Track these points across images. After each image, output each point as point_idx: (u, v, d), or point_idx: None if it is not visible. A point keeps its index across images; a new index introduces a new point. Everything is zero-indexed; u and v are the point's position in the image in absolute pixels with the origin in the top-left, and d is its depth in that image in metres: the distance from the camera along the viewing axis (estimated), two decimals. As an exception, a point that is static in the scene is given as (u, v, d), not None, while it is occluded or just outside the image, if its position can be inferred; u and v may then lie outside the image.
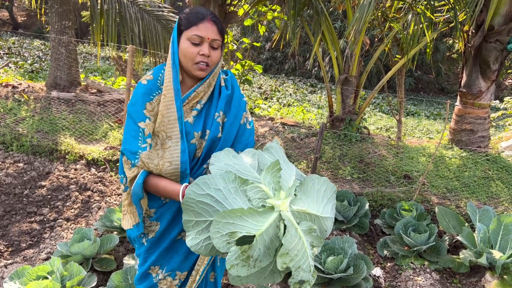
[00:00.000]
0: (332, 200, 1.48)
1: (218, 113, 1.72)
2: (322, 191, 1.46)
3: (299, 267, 1.32)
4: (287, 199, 1.39)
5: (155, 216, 1.77)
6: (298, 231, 1.34)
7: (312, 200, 1.43)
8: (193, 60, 1.61)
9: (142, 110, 1.62)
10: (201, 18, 1.60)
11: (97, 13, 6.94)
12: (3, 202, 4.00)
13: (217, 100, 1.75)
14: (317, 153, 4.56)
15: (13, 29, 18.85)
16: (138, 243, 1.85)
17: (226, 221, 1.32)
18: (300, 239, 1.34)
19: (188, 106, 1.69)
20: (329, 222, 1.46)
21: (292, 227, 1.34)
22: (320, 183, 1.47)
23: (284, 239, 1.31)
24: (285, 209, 1.36)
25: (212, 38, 1.61)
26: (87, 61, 13.01)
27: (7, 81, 6.91)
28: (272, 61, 16.00)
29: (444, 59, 15.59)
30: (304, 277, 1.32)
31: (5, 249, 3.29)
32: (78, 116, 5.99)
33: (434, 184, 4.97)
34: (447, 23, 5.94)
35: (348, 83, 6.04)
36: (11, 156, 5.00)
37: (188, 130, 1.67)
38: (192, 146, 1.69)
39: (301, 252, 1.33)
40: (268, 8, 6.98)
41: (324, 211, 1.44)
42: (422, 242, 3.57)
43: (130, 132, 1.65)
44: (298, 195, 1.44)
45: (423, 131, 8.88)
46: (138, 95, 1.65)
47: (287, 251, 1.31)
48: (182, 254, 1.81)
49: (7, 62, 9.19)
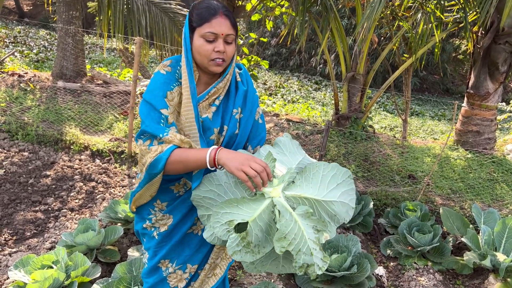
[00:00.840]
0: (344, 185, 1.48)
1: (236, 110, 1.72)
2: (330, 176, 1.47)
3: (299, 251, 1.37)
4: (279, 186, 1.45)
5: (167, 209, 1.76)
6: (293, 215, 1.39)
7: (314, 186, 1.46)
8: (209, 57, 1.59)
9: (163, 98, 1.59)
10: (213, 14, 1.56)
11: (105, 4, 6.91)
12: (8, 190, 4.01)
13: (234, 95, 1.74)
14: (322, 151, 4.55)
15: (19, 17, 18.83)
16: (148, 236, 1.82)
17: (224, 211, 1.43)
18: (296, 223, 1.38)
19: (207, 102, 1.68)
20: (338, 206, 1.46)
21: (286, 212, 1.40)
22: (328, 169, 1.48)
23: (279, 223, 1.38)
24: (277, 195, 1.42)
25: (226, 33, 1.58)
26: (92, 52, 13.00)
27: (13, 70, 6.91)
28: (277, 57, 15.96)
29: (450, 60, 15.52)
30: (307, 260, 1.37)
31: (10, 238, 3.30)
32: (83, 106, 5.99)
33: (438, 185, 4.95)
34: (457, 23, 5.90)
35: (355, 81, 6.01)
36: (16, 144, 5.01)
37: (209, 126, 1.66)
38: (211, 142, 1.68)
39: (299, 235, 1.38)
40: (276, 3, 6.94)
41: (329, 195, 1.45)
42: (426, 242, 3.56)
43: (151, 118, 1.58)
44: (297, 181, 1.48)
45: (428, 132, 8.85)
46: (157, 83, 1.62)
47: (284, 235, 1.37)
48: (194, 247, 1.81)
49: (13, 51, 9.19)
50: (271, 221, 1.44)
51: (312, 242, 1.37)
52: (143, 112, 1.61)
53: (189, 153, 1.53)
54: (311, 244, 1.37)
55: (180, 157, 1.53)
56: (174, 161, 1.53)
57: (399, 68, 5.91)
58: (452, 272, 3.60)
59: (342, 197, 1.46)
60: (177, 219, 1.76)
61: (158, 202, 1.75)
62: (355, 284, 3.07)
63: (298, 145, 1.67)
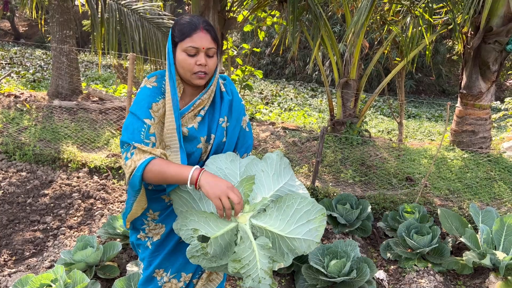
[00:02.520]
0: (315, 222, 1.53)
1: (222, 118, 1.77)
2: (303, 212, 1.53)
3: (249, 276, 1.48)
4: (248, 214, 1.54)
5: (159, 218, 1.80)
6: (252, 244, 1.49)
7: (284, 219, 1.52)
8: (191, 71, 1.65)
9: (148, 109, 1.65)
10: (194, 29, 1.62)
11: (98, 22, 6.99)
12: (6, 211, 4.02)
13: (219, 105, 1.79)
14: (318, 157, 4.57)
15: (14, 39, 18.99)
16: (142, 247, 1.87)
17: (192, 219, 1.53)
18: (253, 252, 1.49)
19: (193, 113, 1.73)
20: (300, 243, 1.52)
21: (248, 239, 1.50)
22: (303, 203, 1.54)
23: (237, 247, 1.50)
24: (243, 222, 1.52)
25: (207, 47, 1.63)
26: (88, 69, 13.08)
27: (9, 91, 6.96)
28: (273, 66, 16.05)
29: (444, 61, 15.61)
30: (253, 285, 1.48)
31: (9, 258, 3.30)
32: (80, 124, 6.02)
33: (436, 186, 4.96)
34: (446, 25, 5.96)
35: (348, 86, 6.05)
36: (14, 165, 5.03)
37: (194, 135, 1.71)
38: (198, 151, 1.74)
39: (252, 263, 1.48)
40: (267, 13, 7.02)
41: (294, 231, 1.51)
42: (425, 244, 3.56)
43: (131, 126, 1.64)
44: (269, 211, 1.55)
45: (425, 133, 8.87)
46: (143, 95, 1.68)
47: (240, 258, 1.48)
48: None
49: (9, 72, 9.25)
50: (231, 242, 1.54)
51: (263, 271, 1.47)
52: (125, 123, 1.68)
53: (170, 167, 1.56)
54: (261, 273, 1.47)
55: (160, 167, 1.56)
56: (154, 171, 1.56)
57: (391, 72, 5.96)
58: (453, 272, 3.59)
59: (308, 234, 1.52)
60: (169, 228, 1.80)
61: (150, 212, 1.80)
62: (356, 289, 3.07)
63: (287, 165, 1.69)
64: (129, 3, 7.16)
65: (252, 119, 7.11)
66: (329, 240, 3.95)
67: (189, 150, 1.71)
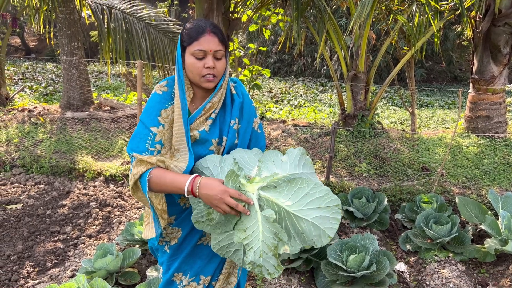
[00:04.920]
0: (327, 211, 1.47)
1: (234, 121, 1.78)
2: (315, 197, 1.48)
3: (251, 248, 1.44)
4: (257, 184, 1.52)
5: (175, 222, 1.82)
6: (257, 214, 1.46)
7: (293, 198, 1.48)
8: (200, 74, 1.66)
9: (156, 117, 1.67)
10: (201, 32, 1.64)
11: (104, 31, 7.08)
12: (27, 223, 4.10)
13: (230, 107, 1.80)
14: (331, 152, 4.55)
15: (25, 54, 19.31)
16: (160, 251, 1.90)
17: None
18: (257, 222, 1.45)
19: (204, 117, 1.74)
20: (308, 226, 1.46)
21: (253, 208, 1.47)
22: (316, 189, 1.49)
23: (243, 216, 1.48)
24: (252, 191, 1.50)
25: (214, 49, 1.65)
26: (99, 79, 13.23)
27: (23, 106, 7.09)
28: (280, 64, 16.00)
29: (454, 47, 15.35)
30: (254, 259, 1.44)
31: (32, 270, 3.36)
32: (93, 134, 6.10)
33: (453, 174, 4.89)
34: (453, 10, 5.87)
35: (357, 79, 6.01)
36: (32, 178, 5.12)
37: (206, 138, 1.72)
38: (211, 153, 1.75)
39: (255, 234, 1.45)
40: (272, 11, 7.00)
41: (302, 212, 1.46)
42: (445, 233, 3.52)
43: (138, 135, 1.68)
44: (279, 188, 1.52)
45: (439, 122, 8.75)
46: (153, 102, 1.71)
47: (245, 228, 1.47)
48: (205, 258, 1.86)
49: (22, 87, 9.42)
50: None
51: (265, 245, 1.43)
52: (134, 132, 1.71)
53: (166, 178, 1.61)
54: (264, 247, 1.43)
55: (158, 179, 1.61)
56: (152, 182, 1.61)
57: (400, 62, 5.89)
58: (475, 261, 3.54)
59: (317, 220, 1.45)
60: (186, 232, 1.82)
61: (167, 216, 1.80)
62: (376, 283, 3.04)
63: (309, 162, 1.67)
64: (134, 11, 7.23)
65: (262, 118, 7.11)
66: (347, 235, 3.93)
67: (201, 152, 1.72)
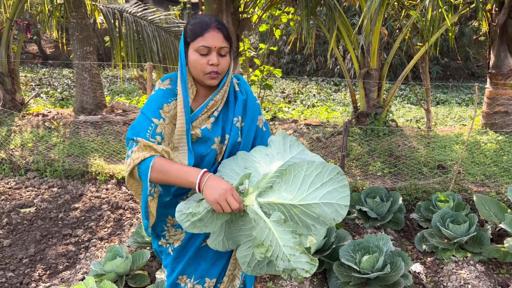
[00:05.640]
0: (332, 183, 1.41)
1: (236, 118, 1.73)
2: (313, 176, 1.42)
3: (277, 257, 1.39)
4: (253, 194, 1.45)
5: (178, 224, 1.77)
6: (267, 223, 1.40)
7: (293, 189, 1.42)
8: (204, 71, 1.62)
9: (158, 109, 1.63)
10: (206, 28, 1.60)
11: (116, 35, 7.13)
12: (39, 227, 4.12)
13: (233, 105, 1.75)
14: (344, 151, 4.46)
15: (43, 60, 19.66)
16: (164, 253, 1.86)
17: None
18: (270, 230, 1.39)
19: (207, 115, 1.70)
20: (321, 208, 1.40)
21: (261, 219, 1.41)
22: (311, 168, 1.43)
23: (255, 231, 1.42)
24: (250, 203, 1.44)
25: (219, 46, 1.61)
26: (113, 83, 13.37)
27: (37, 111, 7.18)
28: (293, 64, 15.91)
29: (471, 43, 15.03)
30: (284, 265, 1.39)
31: (44, 272, 3.37)
32: (105, 137, 6.14)
33: (470, 172, 4.75)
34: (468, 4, 5.72)
35: (369, 76, 5.90)
36: (45, 181, 5.17)
37: (208, 136, 1.67)
38: (213, 152, 1.70)
39: (274, 242, 1.38)
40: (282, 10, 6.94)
41: (308, 197, 1.40)
42: (462, 233, 3.40)
43: (139, 124, 1.63)
44: (275, 186, 1.46)
45: (455, 119, 8.55)
46: (156, 96, 1.67)
47: (261, 242, 1.40)
48: (210, 260, 1.81)
49: (36, 93, 9.57)
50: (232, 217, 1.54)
51: (288, 248, 1.37)
52: (134, 122, 1.66)
53: (172, 168, 1.53)
54: (287, 250, 1.37)
55: (162, 167, 1.53)
56: (155, 169, 1.53)
57: (414, 58, 5.76)
58: (495, 261, 3.42)
59: (326, 197, 1.40)
60: (189, 233, 1.76)
61: (169, 218, 1.78)
62: (391, 284, 2.96)
63: (294, 141, 1.63)
64: (145, 14, 7.27)
65: (274, 118, 7.05)
66: (361, 235, 3.84)
67: (203, 151, 1.68)
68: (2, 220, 4.19)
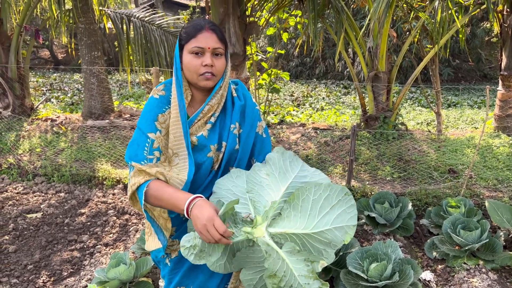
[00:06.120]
0: (340, 205, 1.37)
1: (234, 125, 1.68)
2: (322, 200, 1.37)
3: (291, 286, 1.35)
4: (262, 225, 1.40)
5: (176, 234, 1.74)
6: (279, 254, 1.36)
7: (303, 216, 1.38)
8: (198, 72, 1.58)
9: (153, 122, 1.60)
10: (199, 29, 1.57)
11: (124, 40, 7.15)
12: (45, 232, 4.12)
13: (231, 111, 1.70)
14: (352, 155, 4.39)
15: (55, 65, 19.88)
16: (162, 264, 1.83)
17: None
18: (284, 261, 1.36)
19: (203, 121, 1.65)
20: (332, 233, 1.36)
21: (273, 250, 1.37)
22: (319, 191, 1.38)
23: (267, 262, 1.37)
24: (261, 235, 1.39)
25: (212, 47, 1.57)
26: (123, 88, 13.44)
27: (46, 116, 7.23)
28: (302, 67, 15.85)
29: (483, 45, 14.82)
30: None
31: (48, 279, 3.35)
32: (112, 142, 6.14)
33: (482, 176, 4.63)
34: (479, 5, 5.61)
35: (378, 79, 5.82)
36: (53, 186, 5.18)
37: (204, 144, 1.63)
38: (209, 160, 1.65)
39: (288, 273, 1.34)
40: (289, 13, 6.89)
41: (320, 224, 1.36)
42: (474, 240, 3.30)
43: (136, 142, 1.61)
44: (284, 213, 1.41)
45: (467, 122, 8.40)
46: (150, 107, 1.63)
47: (274, 272, 1.36)
48: (208, 272, 1.76)
49: (46, 98, 9.65)
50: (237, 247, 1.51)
51: (303, 277, 1.34)
52: (132, 139, 1.63)
53: (164, 194, 1.53)
54: (302, 280, 1.34)
55: (156, 193, 1.54)
56: (149, 195, 1.54)
57: (423, 60, 5.67)
58: (508, 269, 3.31)
59: (338, 221, 1.37)
60: None
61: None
62: (399, 293, 2.87)
63: (292, 157, 1.58)
64: (153, 19, 7.28)
65: (282, 122, 6.99)
66: (369, 241, 3.76)
67: (199, 160, 1.63)
68: (8, 226, 4.19)
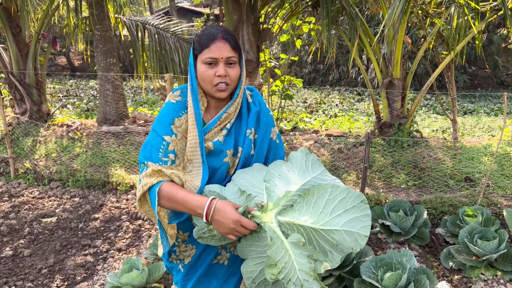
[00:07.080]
0: (355, 211, 1.34)
1: (250, 130, 1.69)
2: (337, 201, 1.35)
3: (289, 280, 1.32)
4: (272, 211, 1.39)
5: (189, 239, 1.73)
6: (284, 243, 1.34)
7: (315, 212, 1.35)
8: (212, 83, 1.59)
9: (169, 125, 1.60)
10: (212, 39, 1.57)
11: (139, 47, 7.24)
12: (60, 237, 4.16)
13: (246, 117, 1.71)
14: (366, 163, 4.34)
15: (71, 72, 20.23)
16: (175, 270, 1.82)
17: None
18: (287, 252, 1.33)
19: (219, 127, 1.66)
20: (341, 235, 1.34)
21: (278, 239, 1.35)
22: (336, 192, 1.36)
23: (269, 250, 1.35)
24: (269, 221, 1.38)
25: (226, 56, 1.57)
26: (137, 94, 13.59)
27: (62, 121, 7.34)
28: (316, 74, 15.83)
29: (500, 51, 14.60)
30: None
31: (61, 283, 3.38)
32: (127, 147, 6.19)
33: (500, 185, 4.54)
34: (496, 11, 5.52)
35: (392, 86, 5.76)
36: (67, 191, 5.24)
37: (220, 149, 1.64)
38: (225, 165, 1.66)
39: (289, 264, 1.31)
40: (302, 20, 6.90)
41: (330, 223, 1.33)
42: (492, 250, 3.22)
43: (150, 143, 1.61)
44: (296, 205, 1.39)
45: (484, 129, 8.26)
46: (166, 111, 1.64)
47: (274, 262, 1.33)
48: (221, 278, 1.76)
49: (62, 104, 9.80)
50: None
51: (303, 273, 1.29)
52: (146, 141, 1.63)
53: (177, 195, 1.52)
54: (302, 275, 1.29)
55: (170, 195, 1.52)
56: (162, 197, 1.53)
57: (438, 67, 5.60)
58: (527, 280, 3.21)
59: (348, 225, 1.33)
60: (200, 249, 1.73)
61: (180, 233, 1.74)
62: (415, 304, 2.81)
63: (316, 161, 1.58)
64: (167, 26, 7.36)
65: (295, 128, 6.97)
66: (383, 250, 3.70)
67: (215, 165, 1.64)
68: (24, 230, 4.24)
